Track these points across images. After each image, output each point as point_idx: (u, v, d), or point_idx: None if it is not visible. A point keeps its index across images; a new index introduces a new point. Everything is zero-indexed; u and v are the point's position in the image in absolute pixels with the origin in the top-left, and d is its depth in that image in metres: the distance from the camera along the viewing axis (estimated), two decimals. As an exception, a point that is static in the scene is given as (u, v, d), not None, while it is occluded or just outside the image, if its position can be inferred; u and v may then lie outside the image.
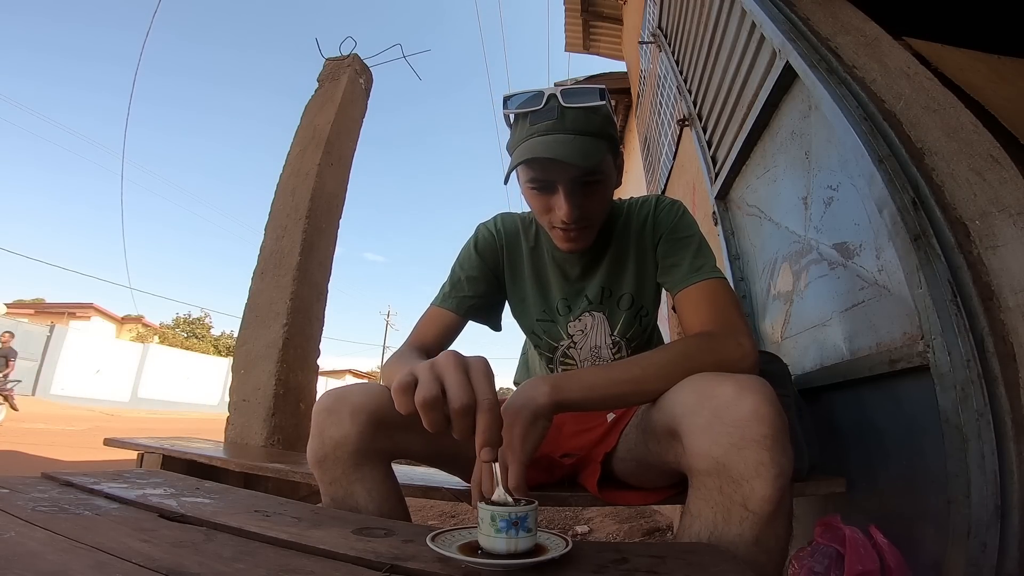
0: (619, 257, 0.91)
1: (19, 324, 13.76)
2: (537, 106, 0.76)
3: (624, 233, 0.92)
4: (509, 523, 0.45)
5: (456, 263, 0.96)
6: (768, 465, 0.52)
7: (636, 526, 2.23)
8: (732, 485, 0.53)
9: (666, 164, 2.72)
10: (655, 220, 0.90)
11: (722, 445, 0.53)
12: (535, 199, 0.81)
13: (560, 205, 0.77)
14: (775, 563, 0.56)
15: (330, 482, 0.70)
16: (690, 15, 2.04)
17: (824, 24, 1.13)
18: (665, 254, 0.87)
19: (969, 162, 0.81)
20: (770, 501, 0.52)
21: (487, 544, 0.44)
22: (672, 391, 0.63)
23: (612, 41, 4.66)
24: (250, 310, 2.27)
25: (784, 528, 0.56)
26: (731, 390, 0.55)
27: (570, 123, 0.74)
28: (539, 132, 0.75)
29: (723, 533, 0.54)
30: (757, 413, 0.53)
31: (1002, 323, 0.70)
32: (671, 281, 0.85)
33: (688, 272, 0.82)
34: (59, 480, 0.66)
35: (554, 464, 0.89)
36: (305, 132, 2.59)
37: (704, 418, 0.56)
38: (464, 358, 0.49)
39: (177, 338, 23.64)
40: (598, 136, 0.76)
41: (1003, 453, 0.65)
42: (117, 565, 0.38)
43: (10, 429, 5.43)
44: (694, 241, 0.86)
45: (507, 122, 0.82)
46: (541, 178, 0.78)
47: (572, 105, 0.75)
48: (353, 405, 0.68)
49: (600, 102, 0.76)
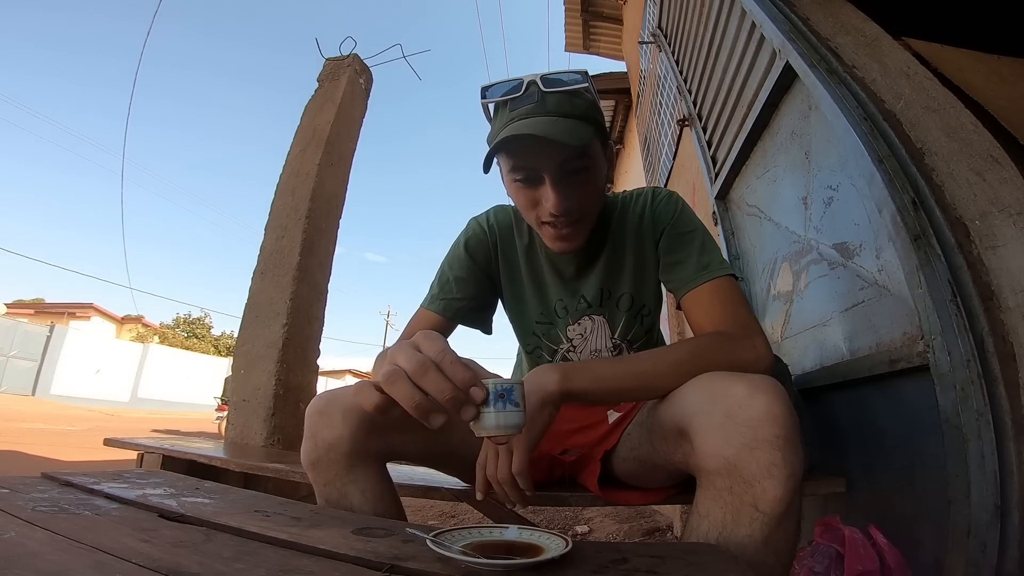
0: (616, 255, 0.87)
1: (19, 324, 13.77)
2: (517, 93, 0.72)
3: (620, 229, 0.87)
4: (496, 395, 0.46)
5: (445, 261, 0.91)
6: (780, 466, 0.52)
7: (636, 526, 2.23)
8: (743, 485, 0.53)
9: (666, 164, 2.72)
10: (654, 214, 0.85)
11: (734, 445, 0.53)
12: (520, 193, 0.76)
13: (548, 196, 0.72)
14: (783, 564, 0.56)
15: (324, 484, 0.70)
16: (690, 15, 2.04)
17: (824, 24, 1.13)
18: (668, 251, 0.83)
19: (969, 162, 0.81)
20: (781, 502, 0.52)
21: (479, 427, 0.47)
22: (682, 389, 0.62)
23: (612, 41, 4.66)
24: (250, 310, 2.27)
25: (793, 529, 0.56)
26: (743, 390, 0.55)
27: (552, 106, 0.70)
28: (519, 116, 0.70)
29: (732, 534, 0.54)
30: (770, 413, 0.53)
31: (1002, 323, 0.70)
32: (676, 281, 0.81)
33: (695, 271, 0.78)
34: (59, 480, 0.66)
35: (554, 463, 0.88)
36: (305, 132, 2.59)
37: (716, 417, 0.55)
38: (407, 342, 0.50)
39: (177, 338, 23.65)
40: (583, 119, 0.71)
41: (1003, 453, 0.65)
42: (117, 565, 0.38)
43: (10, 429, 5.42)
44: (698, 236, 0.82)
45: (486, 115, 0.77)
46: (524, 165, 0.73)
47: (553, 89, 0.71)
48: (345, 407, 0.68)
49: (583, 84, 0.72)
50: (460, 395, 0.46)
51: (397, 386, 0.45)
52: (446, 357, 0.46)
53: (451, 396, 0.45)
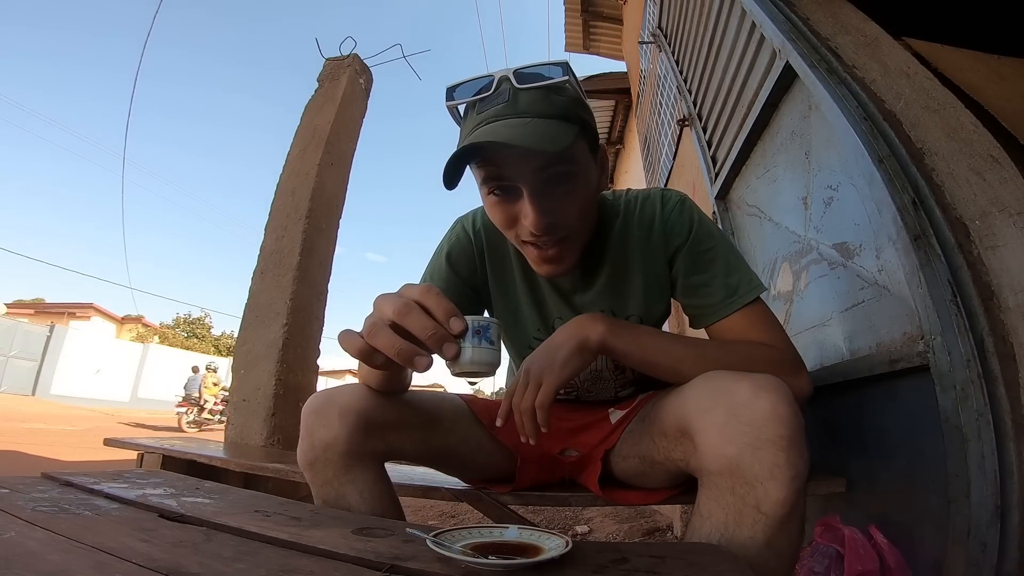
0: (621, 271, 0.78)
1: (19, 324, 13.76)
2: (487, 92, 0.62)
3: (623, 240, 0.77)
4: (473, 331, 0.48)
5: (427, 270, 0.83)
6: (784, 467, 0.50)
7: (636, 526, 2.23)
8: (745, 487, 0.52)
9: (666, 164, 2.72)
10: (665, 227, 0.75)
11: (737, 444, 0.52)
12: (495, 209, 0.66)
13: (526, 212, 0.63)
14: (786, 567, 0.55)
15: (321, 484, 0.69)
16: (690, 15, 2.04)
17: (824, 24, 1.13)
18: (687, 272, 0.74)
19: (969, 162, 0.81)
20: (784, 504, 0.51)
21: (454, 364, 0.48)
22: (686, 388, 0.61)
23: (612, 41, 4.66)
24: (250, 310, 2.27)
25: (797, 531, 0.54)
26: (748, 389, 0.53)
27: (524, 105, 0.60)
28: (486, 120, 0.61)
29: (734, 535, 0.53)
30: (775, 413, 0.51)
31: (1002, 323, 0.70)
32: (700, 308, 0.73)
33: (723, 298, 0.70)
34: (59, 480, 0.66)
35: (555, 463, 0.88)
36: (305, 132, 2.59)
37: (719, 416, 0.54)
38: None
39: (177, 338, 23.65)
40: (563, 119, 0.61)
41: (1003, 453, 0.65)
42: (117, 565, 0.38)
43: (10, 429, 5.42)
44: (720, 252, 0.73)
45: (455, 118, 0.68)
46: (496, 177, 0.63)
47: (528, 86, 0.61)
48: (341, 406, 0.67)
49: (561, 78, 0.61)
50: (441, 331, 0.47)
51: (380, 336, 0.47)
52: (429, 292, 0.48)
53: (433, 333, 0.47)
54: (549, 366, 0.62)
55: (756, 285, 0.71)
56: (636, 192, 0.81)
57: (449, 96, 0.65)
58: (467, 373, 0.51)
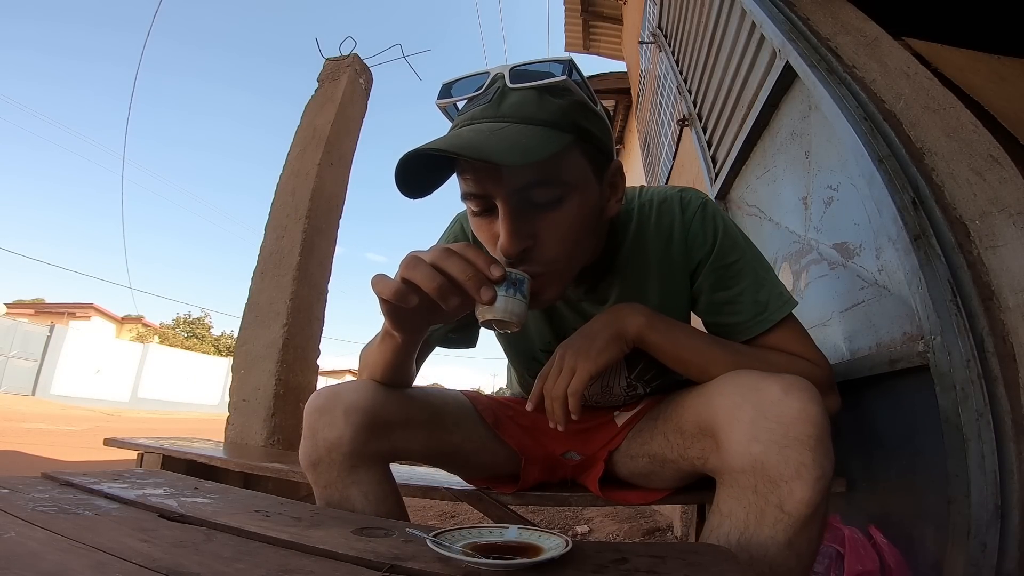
0: (636, 283, 0.72)
1: (19, 324, 13.77)
2: (479, 91, 0.56)
3: (639, 248, 0.71)
4: (510, 281, 0.49)
5: None
6: (810, 467, 0.50)
7: (636, 526, 2.23)
8: (769, 485, 0.51)
9: (666, 164, 2.72)
10: (687, 238, 0.69)
11: (763, 442, 0.51)
12: (477, 227, 0.59)
13: (500, 232, 0.55)
14: (805, 567, 0.54)
15: (324, 486, 0.68)
16: (690, 15, 2.04)
17: (824, 24, 1.13)
18: (711, 288, 0.69)
19: (969, 162, 0.81)
20: (808, 504, 0.50)
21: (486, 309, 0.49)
22: (711, 385, 0.60)
23: (612, 41, 4.66)
24: (250, 310, 2.27)
25: (817, 533, 0.54)
26: (778, 388, 0.53)
27: (508, 108, 0.53)
28: (463, 122, 0.54)
29: (755, 535, 0.52)
30: (804, 412, 0.51)
31: (1002, 323, 0.70)
32: (726, 327, 0.69)
33: (752, 315, 0.67)
34: (59, 480, 0.66)
35: (557, 464, 0.88)
36: (305, 132, 2.59)
37: (747, 413, 0.53)
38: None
39: (177, 338, 23.63)
40: (552, 126, 0.52)
41: (1003, 453, 0.65)
42: (117, 565, 0.38)
43: (10, 429, 5.42)
44: (747, 265, 0.68)
45: (447, 118, 0.60)
46: (471, 190, 0.55)
47: (520, 85, 0.53)
48: (347, 404, 0.65)
49: (558, 78, 0.53)
50: (481, 275, 0.48)
51: (418, 270, 0.48)
52: (468, 245, 0.50)
53: (473, 275, 0.47)
54: (584, 353, 0.62)
55: (787, 300, 0.67)
56: (651, 193, 0.73)
57: (444, 93, 0.58)
58: (496, 321, 0.51)
